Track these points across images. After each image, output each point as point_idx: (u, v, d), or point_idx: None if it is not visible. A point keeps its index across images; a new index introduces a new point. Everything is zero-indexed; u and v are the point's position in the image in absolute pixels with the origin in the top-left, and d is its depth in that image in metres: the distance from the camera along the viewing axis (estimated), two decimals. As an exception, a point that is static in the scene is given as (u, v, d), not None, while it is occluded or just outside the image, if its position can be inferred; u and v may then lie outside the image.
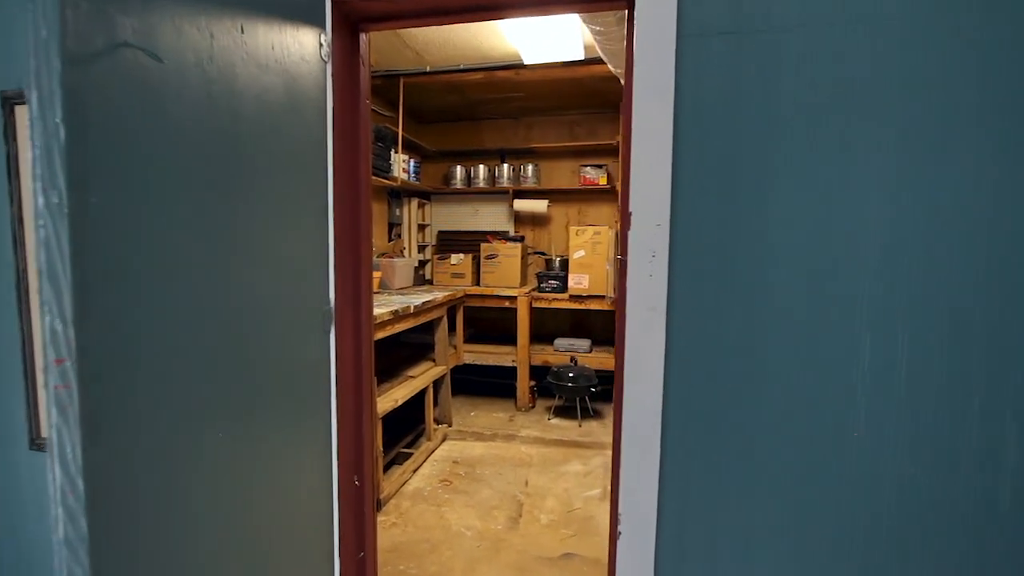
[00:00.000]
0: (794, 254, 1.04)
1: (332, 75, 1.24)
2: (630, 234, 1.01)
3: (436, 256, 4.99)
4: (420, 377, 3.63)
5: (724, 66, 1.03)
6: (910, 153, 0.98)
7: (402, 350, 4.11)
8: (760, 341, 1.06)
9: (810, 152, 1.02)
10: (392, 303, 3.28)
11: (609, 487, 3.32)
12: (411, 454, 3.47)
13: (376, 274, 3.97)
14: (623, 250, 1.04)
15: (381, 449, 2.94)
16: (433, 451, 3.71)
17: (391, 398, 3.10)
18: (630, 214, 1.00)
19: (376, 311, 2.83)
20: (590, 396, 4.27)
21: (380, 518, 2.83)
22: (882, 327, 1.02)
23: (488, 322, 5.23)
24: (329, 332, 1.29)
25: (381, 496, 2.92)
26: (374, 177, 3.74)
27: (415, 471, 3.39)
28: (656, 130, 0.98)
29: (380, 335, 2.91)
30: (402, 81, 4.04)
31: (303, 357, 1.20)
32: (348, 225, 1.36)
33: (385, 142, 3.92)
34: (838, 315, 1.04)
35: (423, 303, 3.46)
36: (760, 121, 1.02)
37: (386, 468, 3.31)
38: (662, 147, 0.98)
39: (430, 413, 3.76)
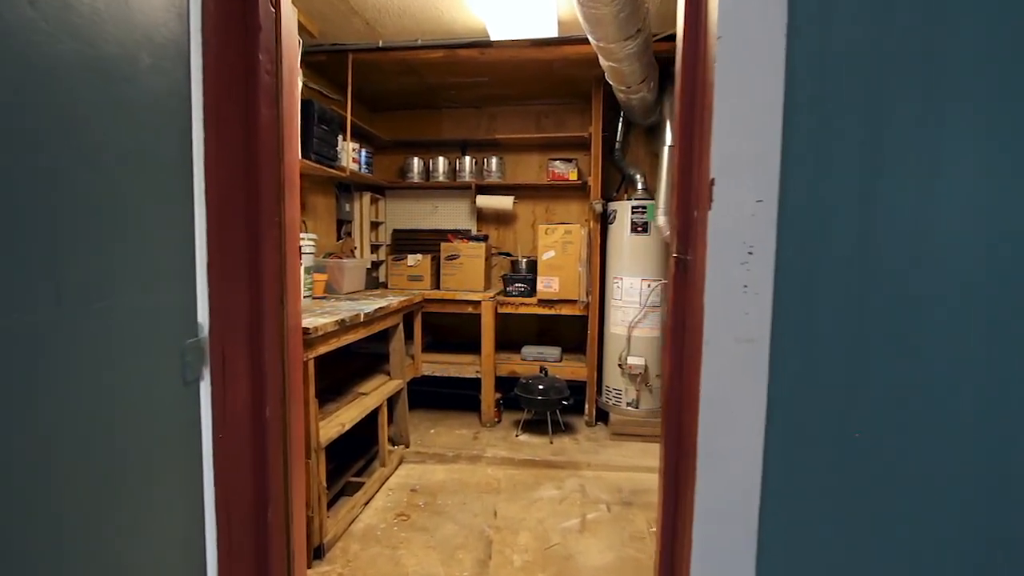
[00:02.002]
0: (981, 261, 0.65)
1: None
2: (710, 217, 0.62)
3: (391, 257, 4.53)
4: (373, 394, 3.17)
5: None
6: None
7: (352, 362, 3.64)
8: (924, 397, 0.67)
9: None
10: (339, 310, 2.82)
11: (589, 516, 2.99)
12: (362, 484, 3.02)
13: (321, 277, 3.49)
14: (687, 244, 0.65)
15: (324, 485, 2.48)
16: (388, 478, 3.26)
17: (337, 423, 2.64)
18: (711, 183, 0.60)
19: (318, 321, 2.37)
20: (561, 409, 3.93)
21: (323, 568, 2.38)
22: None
23: (449, 329, 4.81)
24: (198, 379, 0.83)
25: (325, 540, 2.46)
26: (317, 164, 3.26)
27: (367, 504, 2.94)
28: (758, 38, 0.59)
29: (323, 350, 2.46)
30: (351, 57, 3.56)
31: (133, 435, 0.74)
32: (237, 203, 0.90)
33: (331, 126, 3.44)
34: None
35: (375, 310, 3.02)
36: (925, 29, 0.64)
37: (332, 503, 2.85)
38: (769, 62, 0.59)
39: (384, 433, 3.31)
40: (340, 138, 3.64)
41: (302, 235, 3.24)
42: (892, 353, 0.68)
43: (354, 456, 3.37)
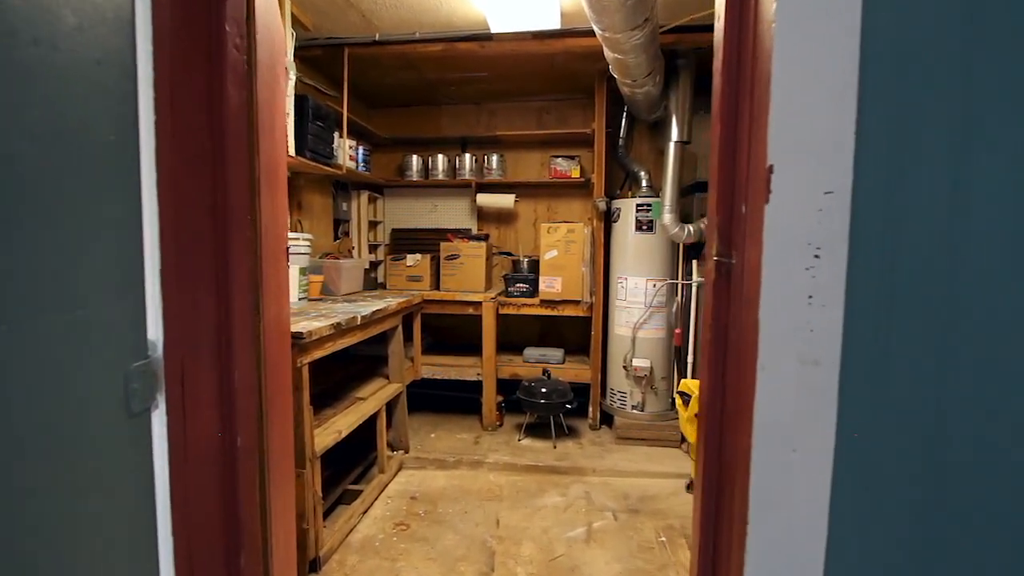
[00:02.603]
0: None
1: None
2: (767, 212, 0.51)
3: (390, 257, 4.43)
4: (371, 399, 3.08)
5: None
6: None
7: (349, 365, 3.54)
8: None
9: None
10: (335, 313, 2.72)
11: (595, 525, 2.90)
12: (360, 491, 2.92)
13: (318, 278, 3.39)
14: (730, 244, 0.55)
15: (320, 495, 2.38)
16: (387, 485, 3.16)
17: (334, 430, 2.54)
18: (769, 170, 0.50)
19: (312, 325, 2.27)
20: (564, 413, 3.83)
21: (319, 582, 2.28)
22: None
23: (449, 330, 4.71)
24: (149, 409, 0.70)
25: (321, 552, 2.36)
26: (313, 162, 3.16)
27: (365, 513, 2.84)
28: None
29: (318, 354, 2.36)
30: (347, 52, 3.46)
31: (56, 490, 0.60)
32: (201, 200, 0.78)
33: (327, 123, 3.34)
34: None
35: (373, 312, 2.92)
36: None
37: (329, 512, 2.75)
38: (844, 22, 0.48)
39: (383, 439, 3.21)
40: (336, 135, 3.54)
41: (298, 235, 3.14)
42: (990, 379, 0.55)
43: (352, 463, 3.27)
